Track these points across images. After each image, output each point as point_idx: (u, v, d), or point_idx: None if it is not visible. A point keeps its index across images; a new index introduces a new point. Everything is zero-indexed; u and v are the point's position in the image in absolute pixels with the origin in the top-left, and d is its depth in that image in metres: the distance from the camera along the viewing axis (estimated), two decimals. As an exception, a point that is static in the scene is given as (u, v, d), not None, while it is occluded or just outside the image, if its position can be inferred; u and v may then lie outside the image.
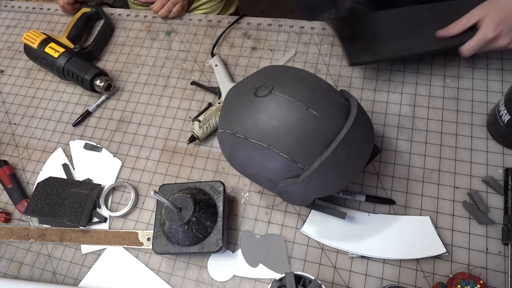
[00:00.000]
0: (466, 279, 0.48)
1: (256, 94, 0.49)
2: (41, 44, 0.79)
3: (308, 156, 0.47)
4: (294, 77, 0.50)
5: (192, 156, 0.70)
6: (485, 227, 0.56)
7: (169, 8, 0.86)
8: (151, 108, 0.77)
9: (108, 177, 0.70)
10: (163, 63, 0.82)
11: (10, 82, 0.87)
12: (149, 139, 0.73)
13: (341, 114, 0.49)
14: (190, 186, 0.60)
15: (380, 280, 0.55)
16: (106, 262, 0.63)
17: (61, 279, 0.63)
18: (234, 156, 0.51)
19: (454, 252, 0.55)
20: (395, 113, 0.67)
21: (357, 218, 0.59)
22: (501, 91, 0.65)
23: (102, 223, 0.66)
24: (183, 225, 0.54)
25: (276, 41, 0.79)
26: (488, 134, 0.62)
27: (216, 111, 0.70)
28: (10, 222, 0.70)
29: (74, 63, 0.78)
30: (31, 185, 0.72)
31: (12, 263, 0.66)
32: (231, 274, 0.59)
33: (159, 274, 0.61)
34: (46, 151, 0.76)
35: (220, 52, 0.81)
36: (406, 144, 0.64)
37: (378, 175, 0.62)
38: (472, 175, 0.59)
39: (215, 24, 0.85)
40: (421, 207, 0.58)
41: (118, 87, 0.81)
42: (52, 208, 0.65)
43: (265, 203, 0.63)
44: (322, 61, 0.75)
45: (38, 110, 0.81)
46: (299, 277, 0.48)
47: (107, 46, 0.87)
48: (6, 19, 0.98)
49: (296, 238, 0.60)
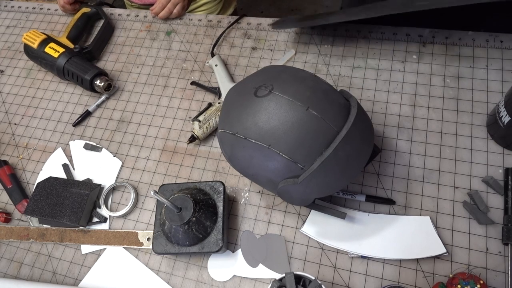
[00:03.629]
0: (466, 279, 0.48)
1: (256, 94, 0.49)
2: (41, 44, 0.79)
3: (308, 156, 0.47)
4: (294, 77, 0.50)
5: (192, 156, 0.70)
6: (485, 227, 0.56)
7: (170, 9, 0.86)
8: (151, 108, 0.77)
9: (108, 177, 0.70)
10: (163, 63, 0.82)
11: (10, 82, 0.87)
12: (149, 139, 0.73)
13: (341, 114, 0.49)
14: (190, 186, 0.60)
15: (380, 280, 0.55)
16: (106, 262, 0.63)
17: (61, 279, 0.63)
18: (234, 156, 0.51)
19: (454, 252, 0.55)
20: (395, 113, 0.67)
21: (357, 218, 0.59)
22: (501, 91, 0.65)
23: (102, 223, 0.66)
24: (183, 225, 0.54)
25: (276, 41, 0.79)
26: (488, 134, 0.62)
27: (216, 111, 0.70)
28: (10, 222, 0.70)
29: (74, 63, 0.78)
30: (31, 185, 0.72)
31: (12, 263, 0.66)
32: (231, 274, 0.59)
33: (159, 274, 0.61)
34: (46, 151, 0.76)
35: (220, 52, 0.81)
36: (406, 144, 0.64)
37: (378, 175, 0.62)
38: (472, 175, 0.59)
39: (215, 24, 0.85)
40: (421, 207, 0.58)
41: (118, 87, 0.81)
42: (52, 208, 0.65)
43: (265, 203, 0.63)
44: (322, 61, 0.75)
45: (38, 110, 0.81)
46: (299, 277, 0.48)
47: (107, 46, 0.87)
48: (6, 19, 0.98)
49: (296, 238, 0.60)
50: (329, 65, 0.74)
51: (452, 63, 0.69)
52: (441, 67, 0.69)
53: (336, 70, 0.73)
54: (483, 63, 0.68)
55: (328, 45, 0.76)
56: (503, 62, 0.67)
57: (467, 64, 0.69)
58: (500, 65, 0.67)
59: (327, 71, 0.73)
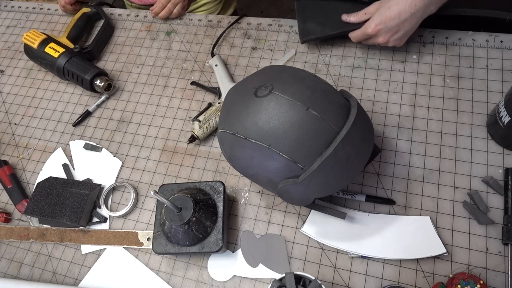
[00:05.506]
0: (466, 279, 0.48)
1: (256, 94, 0.49)
2: (41, 44, 0.79)
3: (308, 156, 0.47)
4: (294, 77, 0.50)
5: (192, 156, 0.70)
6: (485, 227, 0.56)
7: (170, 9, 0.86)
8: (151, 108, 0.77)
9: (108, 177, 0.70)
10: (163, 63, 0.82)
11: (10, 82, 0.87)
12: (149, 139, 0.73)
13: (341, 114, 0.49)
14: (190, 186, 0.60)
15: (380, 280, 0.55)
16: (106, 262, 0.63)
17: (61, 279, 0.63)
18: (234, 156, 0.51)
19: (454, 252, 0.55)
20: (395, 113, 0.67)
21: (357, 218, 0.59)
22: (501, 91, 0.65)
23: (102, 223, 0.66)
24: (183, 225, 0.54)
25: (276, 41, 0.79)
26: (488, 134, 0.62)
27: (216, 111, 0.70)
28: (10, 222, 0.70)
29: (74, 63, 0.78)
30: (31, 185, 0.72)
31: (12, 263, 0.66)
32: (231, 274, 0.59)
33: (159, 274, 0.61)
34: (46, 151, 0.76)
35: (220, 52, 0.81)
36: (406, 144, 0.64)
37: (378, 175, 0.62)
38: (472, 175, 0.59)
39: (215, 24, 0.85)
40: (421, 207, 0.58)
41: (118, 87, 0.81)
42: (52, 208, 0.65)
43: (265, 203, 0.63)
44: (322, 61, 0.75)
45: (38, 110, 0.81)
46: (299, 277, 0.48)
47: (107, 46, 0.87)
48: (6, 19, 0.98)
49: (296, 238, 0.60)
50: (329, 65, 0.74)
51: (452, 63, 0.69)
52: (441, 67, 0.69)
53: (336, 70, 0.73)
54: (483, 63, 0.68)
55: (328, 45, 0.76)
56: (503, 62, 0.67)
57: (467, 64, 0.69)
58: (500, 65, 0.67)
59: (327, 71, 0.73)
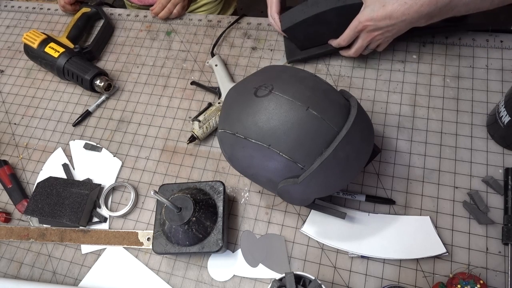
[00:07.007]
0: (466, 279, 0.48)
1: (256, 94, 0.49)
2: (41, 44, 0.79)
3: (308, 156, 0.47)
4: (294, 77, 0.50)
5: (192, 156, 0.70)
6: (485, 227, 0.56)
7: (170, 9, 0.86)
8: (151, 108, 0.77)
9: (108, 177, 0.70)
10: (163, 63, 0.82)
11: (10, 82, 0.87)
12: (149, 139, 0.73)
13: (341, 114, 0.49)
14: (190, 186, 0.60)
15: (380, 280, 0.55)
16: (106, 262, 0.63)
17: (61, 279, 0.63)
18: (234, 156, 0.51)
19: (454, 252, 0.55)
20: (395, 113, 0.67)
21: (357, 218, 0.59)
22: (501, 91, 0.65)
23: (102, 223, 0.66)
24: (183, 225, 0.54)
25: (276, 41, 0.79)
26: (488, 134, 0.62)
27: (216, 111, 0.70)
28: (10, 222, 0.70)
29: (74, 63, 0.78)
30: (31, 185, 0.72)
31: (12, 263, 0.66)
32: (231, 274, 0.59)
33: (159, 274, 0.61)
34: (46, 151, 0.76)
35: (220, 52, 0.81)
36: (406, 144, 0.64)
37: (378, 175, 0.62)
38: (472, 175, 0.59)
39: (215, 24, 0.85)
40: (421, 207, 0.58)
41: (118, 87, 0.81)
42: (52, 208, 0.65)
43: (265, 203, 0.63)
44: (322, 61, 0.75)
45: (38, 110, 0.81)
46: (299, 277, 0.48)
47: (107, 46, 0.87)
48: (6, 19, 0.98)
49: (296, 238, 0.60)
50: (329, 65, 0.74)
51: (452, 63, 0.69)
52: (441, 67, 0.69)
53: (336, 70, 0.73)
54: (483, 63, 0.68)
55: (328, 45, 0.76)
56: (503, 62, 0.67)
57: (467, 64, 0.69)
58: (500, 65, 0.67)
59: (327, 71, 0.73)
